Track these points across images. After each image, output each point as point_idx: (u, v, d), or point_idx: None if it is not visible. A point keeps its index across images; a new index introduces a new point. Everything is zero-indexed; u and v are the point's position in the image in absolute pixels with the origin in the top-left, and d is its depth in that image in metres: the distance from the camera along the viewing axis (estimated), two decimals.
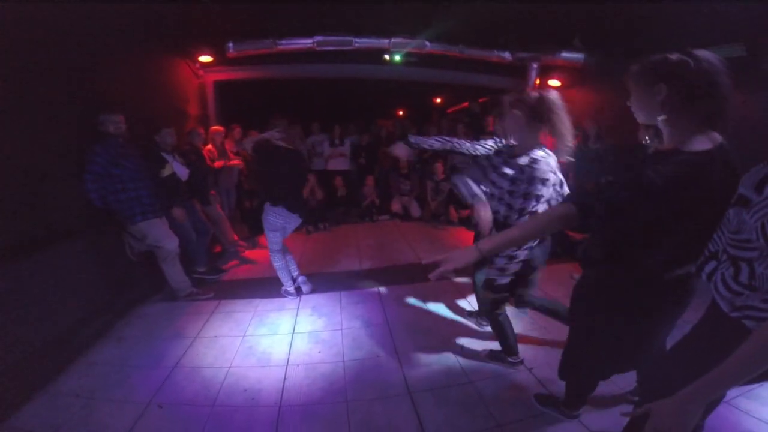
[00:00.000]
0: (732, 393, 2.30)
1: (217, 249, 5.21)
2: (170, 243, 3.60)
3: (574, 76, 6.31)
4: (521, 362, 2.70)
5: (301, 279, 3.94)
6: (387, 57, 6.48)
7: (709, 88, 1.27)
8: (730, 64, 1.27)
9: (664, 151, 1.37)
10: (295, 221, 3.69)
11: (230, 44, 5.50)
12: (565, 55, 5.82)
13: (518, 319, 3.33)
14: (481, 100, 8.38)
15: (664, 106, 1.34)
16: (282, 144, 3.52)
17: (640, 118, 1.48)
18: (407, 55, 6.32)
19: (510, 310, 2.68)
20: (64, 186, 3.09)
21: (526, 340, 3.04)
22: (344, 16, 5.34)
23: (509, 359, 2.69)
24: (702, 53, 1.30)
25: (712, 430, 2.02)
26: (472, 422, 2.22)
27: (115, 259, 3.59)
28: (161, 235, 3.56)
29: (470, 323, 3.29)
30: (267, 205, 3.58)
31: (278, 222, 3.57)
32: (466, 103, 10.08)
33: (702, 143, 1.29)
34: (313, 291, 3.91)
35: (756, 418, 2.15)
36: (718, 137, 1.33)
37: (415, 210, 7.06)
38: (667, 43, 4.39)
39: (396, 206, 7.10)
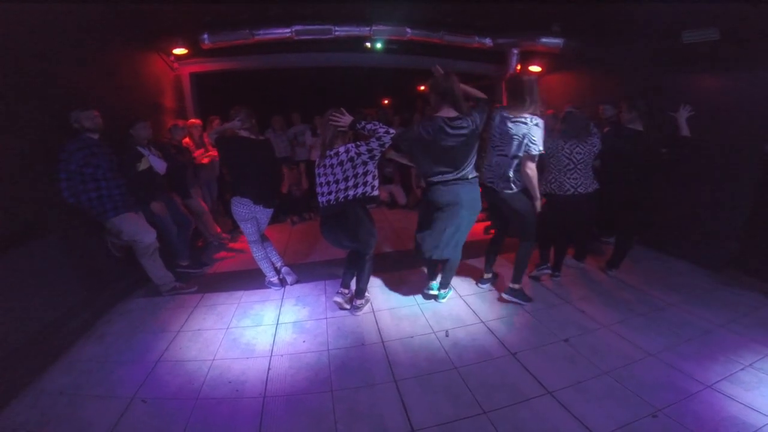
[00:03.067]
0: (715, 377, 2.38)
1: (200, 243, 5.16)
2: (147, 237, 3.55)
3: (553, 62, 6.34)
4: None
5: (284, 270, 3.93)
6: (368, 45, 6.42)
7: (446, 92, 2.86)
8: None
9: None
10: (263, 212, 3.64)
11: (205, 36, 5.36)
12: (544, 40, 5.81)
13: (500, 302, 3.40)
14: None
15: (434, 101, 2.93)
16: (245, 134, 3.47)
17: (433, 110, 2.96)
18: (388, 42, 6.26)
19: None
20: (37, 182, 3.02)
21: (508, 322, 3.11)
22: (322, 3, 5.24)
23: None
24: (439, 79, 2.93)
25: (695, 415, 2.09)
26: (457, 409, 2.23)
27: (95, 256, 3.54)
28: (136, 230, 3.50)
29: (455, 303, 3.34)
30: (233, 196, 3.56)
31: (244, 212, 3.54)
32: None
33: (445, 113, 2.86)
34: (297, 281, 3.90)
35: (740, 403, 2.18)
36: (454, 112, 2.84)
37: (401, 197, 7.07)
38: (646, 27, 4.45)
39: (382, 194, 7.09)
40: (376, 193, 3.01)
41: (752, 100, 3.55)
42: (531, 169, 3.02)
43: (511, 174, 3.09)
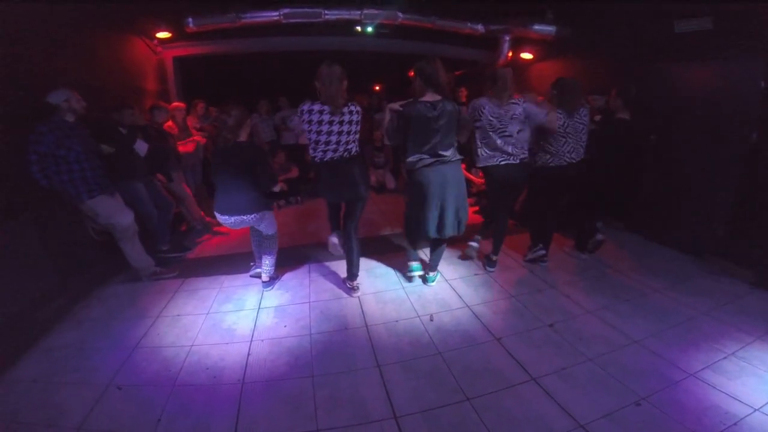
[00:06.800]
0: (698, 365, 2.38)
1: (183, 227, 5.05)
2: (124, 219, 3.44)
3: (546, 49, 6.28)
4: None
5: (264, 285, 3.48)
6: (359, 29, 6.29)
7: (429, 77, 2.85)
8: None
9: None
10: (245, 219, 3.14)
11: (189, 19, 5.21)
12: (537, 27, 5.74)
13: (486, 286, 3.37)
14: (457, 73, 8.28)
15: (418, 85, 2.90)
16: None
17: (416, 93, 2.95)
18: (380, 26, 6.14)
19: None
20: (9, 163, 2.91)
21: (493, 307, 3.10)
22: None
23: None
24: (424, 64, 2.86)
25: (678, 404, 2.08)
26: (440, 396, 2.20)
27: (72, 239, 3.44)
28: (112, 212, 3.38)
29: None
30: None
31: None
32: None
33: (428, 98, 2.89)
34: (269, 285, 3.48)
35: (722, 392, 2.17)
36: (438, 96, 2.89)
37: (390, 182, 7.02)
38: (637, 16, 4.40)
39: (371, 179, 7.03)
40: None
41: (740, 89, 3.53)
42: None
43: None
